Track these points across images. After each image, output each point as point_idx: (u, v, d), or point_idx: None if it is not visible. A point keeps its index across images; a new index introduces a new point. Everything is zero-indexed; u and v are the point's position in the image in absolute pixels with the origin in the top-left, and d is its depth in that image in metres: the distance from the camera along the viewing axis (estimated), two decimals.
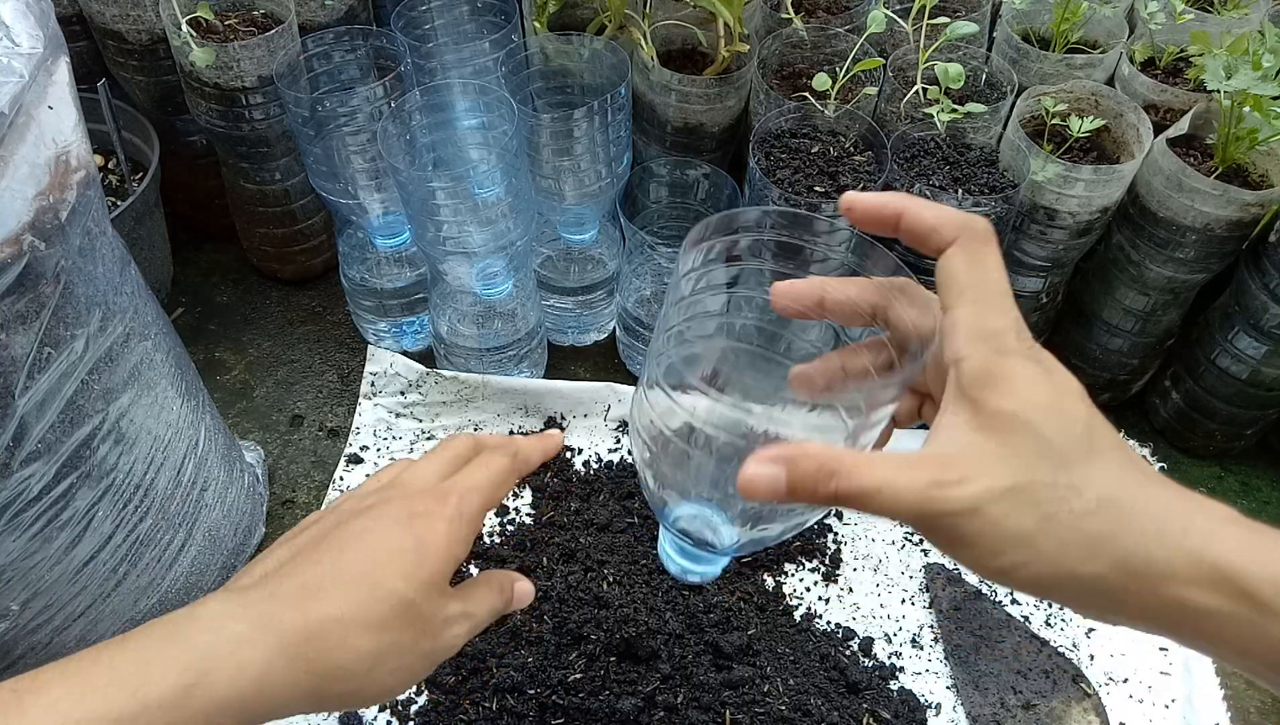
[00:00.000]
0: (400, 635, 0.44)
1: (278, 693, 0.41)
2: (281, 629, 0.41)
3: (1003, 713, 0.72)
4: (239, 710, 0.39)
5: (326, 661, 0.42)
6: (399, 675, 0.44)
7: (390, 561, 0.44)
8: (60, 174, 0.52)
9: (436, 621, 0.46)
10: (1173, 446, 0.94)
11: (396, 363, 0.90)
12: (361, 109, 0.79)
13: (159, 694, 0.37)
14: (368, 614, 0.43)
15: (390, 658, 0.43)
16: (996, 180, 0.78)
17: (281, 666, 0.41)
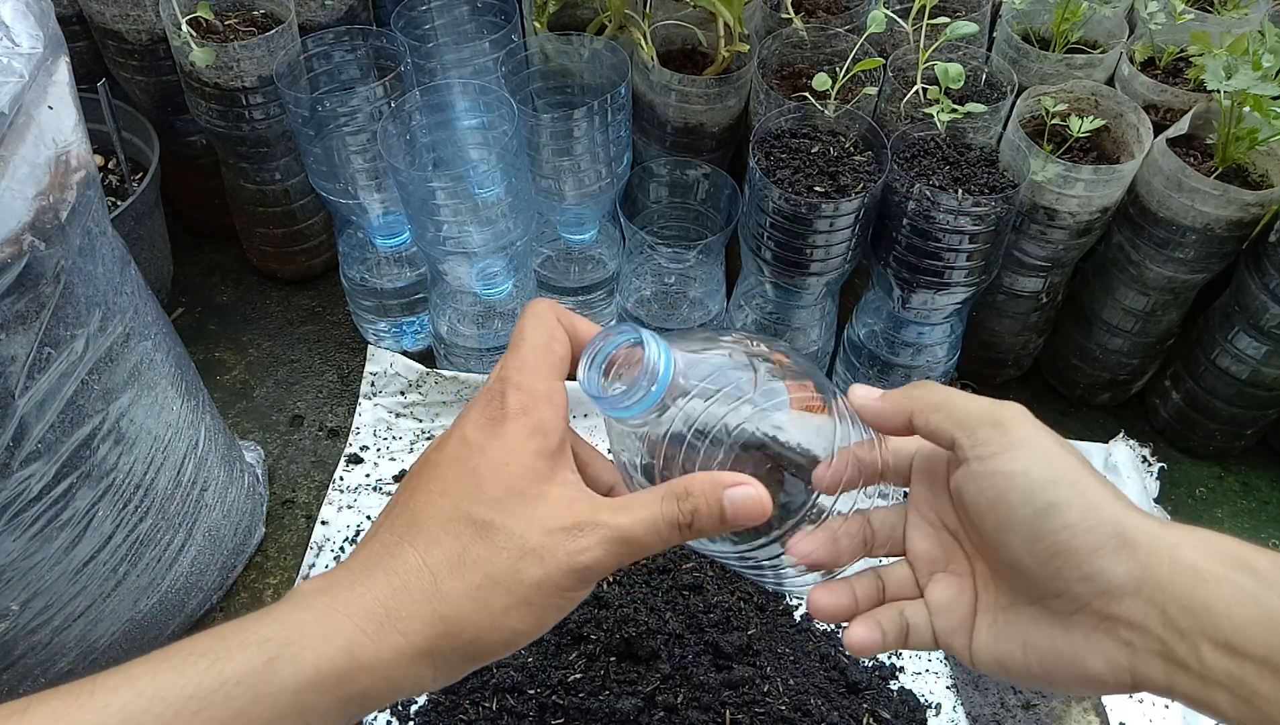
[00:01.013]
0: (494, 563, 0.37)
1: (376, 662, 0.36)
2: (366, 597, 0.37)
3: (1003, 713, 0.72)
4: (335, 685, 0.35)
5: (423, 617, 0.36)
6: (519, 613, 0.37)
7: (458, 488, 0.38)
8: (60, 174, 0.52)
9: (534, 539, 0.37)
10: (1173, 446, 0.94)
11: (396, 363, 0.90)
12: (361, 109, 0.79)
13: (238, 667, 0.34)
14: (445, 552, 0.37)
15: (494, 592, 0.37)
16: (996, 180, 0.78)
17: (371, 631, 0.36)
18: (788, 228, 0.77)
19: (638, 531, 0.38)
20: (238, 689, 0.33)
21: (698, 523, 0.38)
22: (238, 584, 0.81)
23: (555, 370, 0.41)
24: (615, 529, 0.38)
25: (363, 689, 0.36)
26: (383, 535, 0.39)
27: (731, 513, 0.38)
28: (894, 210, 0.78)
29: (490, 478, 0.38)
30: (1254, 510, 0.89)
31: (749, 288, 0.89)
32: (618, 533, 0.38)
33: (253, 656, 0.34)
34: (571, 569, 0.37)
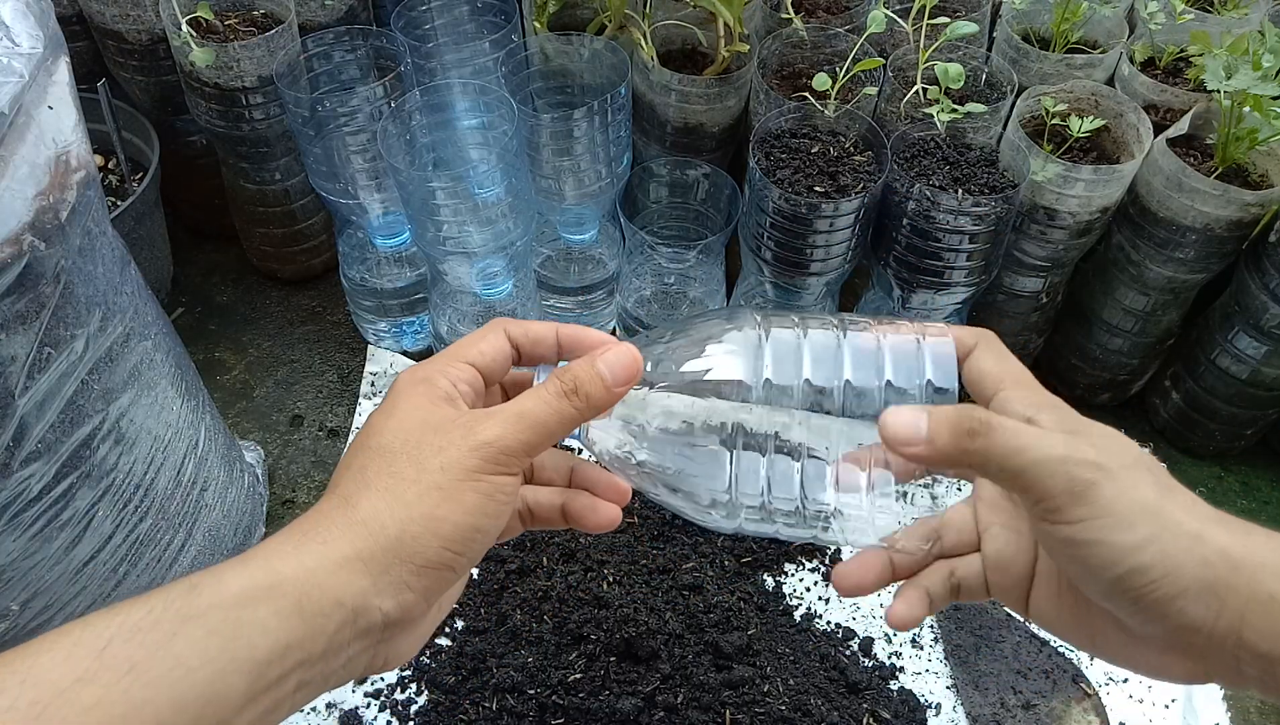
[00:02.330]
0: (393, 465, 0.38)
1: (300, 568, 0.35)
2: (286, 529, 0.38)
3: (1003, 713, 0.72)
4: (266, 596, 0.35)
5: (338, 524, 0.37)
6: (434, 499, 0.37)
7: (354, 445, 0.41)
8: (60, 174, 0.52)
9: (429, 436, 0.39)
10: (1173, 446, 0.94)
11: (396, 363, 0.90)
12: (361, 109, 0.79)
13: (163, 595, 0.34)
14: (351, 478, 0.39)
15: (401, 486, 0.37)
16: (996, 180, 0.78)
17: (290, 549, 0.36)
18: (788, 228, 0.77)
19: (528, 404, 0.40)
20: (164, 613, 0.33)
21: (581, 387, 0.40)
22: None
23: (460, 357, 0.43)
24: (508, 409, 0.40)
25: (295, 600, 0.35)
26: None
27: (610, 374, 0.41)
28: (894, 210, 0.78)
29: (380, 421, 0.40)
30: (1254, 510, 0.90)
31: (749, 288, 0.89)
32: (512, 410, 0.40)
33: (176, 587, 0.35)
34: (473, 447, 0.38)
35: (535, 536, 0.80)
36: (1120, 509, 0.36)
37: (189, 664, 0.33)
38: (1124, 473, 0.36)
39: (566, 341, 0.45)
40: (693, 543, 0.80)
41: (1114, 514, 0.36)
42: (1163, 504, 0.36)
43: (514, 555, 0.79)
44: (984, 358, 0.42)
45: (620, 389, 0.41)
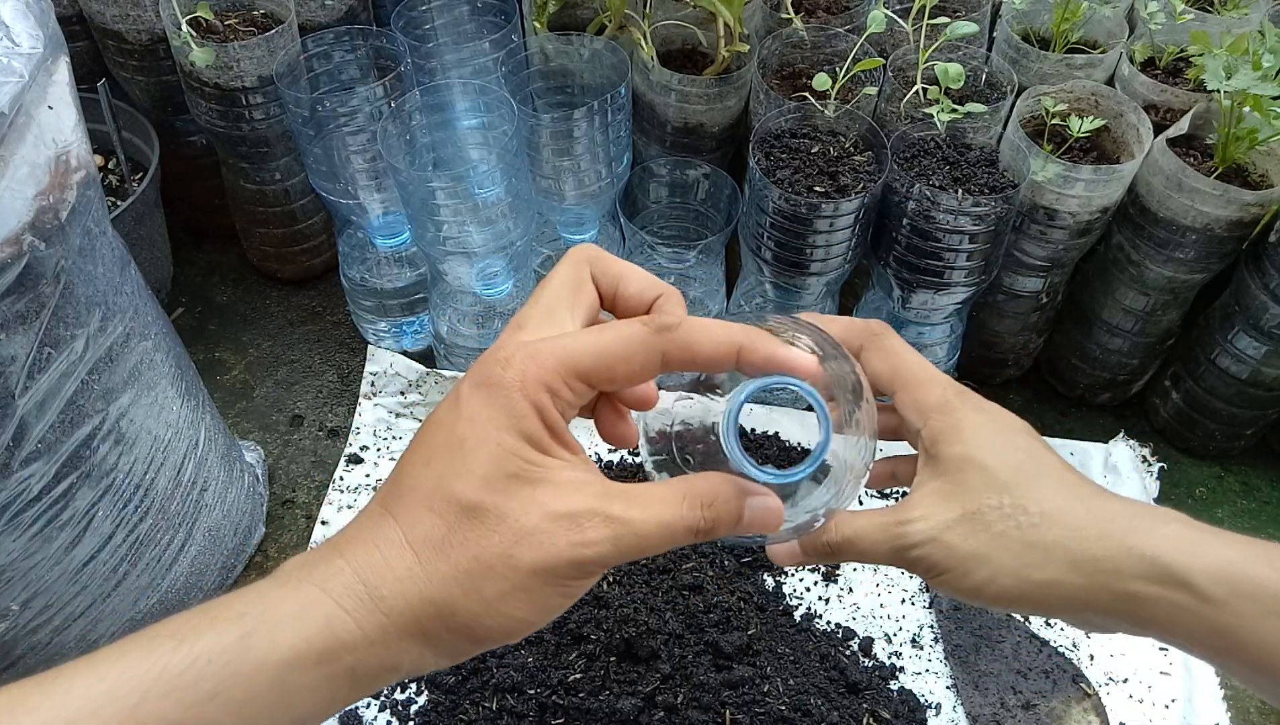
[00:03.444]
0: (482, 546, 0.33)
1: (360, 640, 0.33)
2: (346, 573, 0.34)
3: (1003, 713, 0.72)
4: (318, 663, 0.32)
5: (405, 598, 0.33)
6: (516, 600, 0.34)
7: (441, 459, 0.35)
8: (60, 174, 0.52)
9: (531, 522, 0.33)
10: (1173, 446, 0.94)
11: (396, 363, 0.90)
12: (361, 109, 0.79)
13: (208, 645, 0.31)
14: (427, 531, 0.34)
15: (485, 579, 0.33)
16: (996, 180, 0.78)
17: (351, 608, 0.33)
18: (788, 228, 0.77)
19: (649, 530, 0.34)
20: (209, 668, 0.31)
21: (716, 528, 0.36)
22: (238, 584, 0.81)
23: (580, 372, 0.35)
24: (626, 525, 0.34)
25: (349, 667, 0.33)
26: (372, 506, 0.36)
27: (748, 522, 0.36)
28: (894, 210, 0.78)
29: (479, 453, 0.34)
30: (1254, 510, 0.89)
31: (749, 288, 0.89)
32: (628, 529, 0.34)
33: (224, 633, 0.32)
34: (573, 561, 0.34)
35: None
36: (954, 565, 0.41)
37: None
38: (951, 532, 0.41)
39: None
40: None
41: (950, 570, 0.41)
42: (996, 546, 0.41)
43: None
44: (874, 361, 0.46)
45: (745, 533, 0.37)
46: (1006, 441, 0.43)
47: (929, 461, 0.44)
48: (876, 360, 0.46)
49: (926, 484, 0.43)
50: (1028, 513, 0.41)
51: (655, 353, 0.35)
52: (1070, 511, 0.41)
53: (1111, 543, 0.39)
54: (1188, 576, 0.38)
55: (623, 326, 0.35)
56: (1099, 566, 0.39)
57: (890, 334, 0.47)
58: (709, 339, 0.35)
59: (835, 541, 0.43)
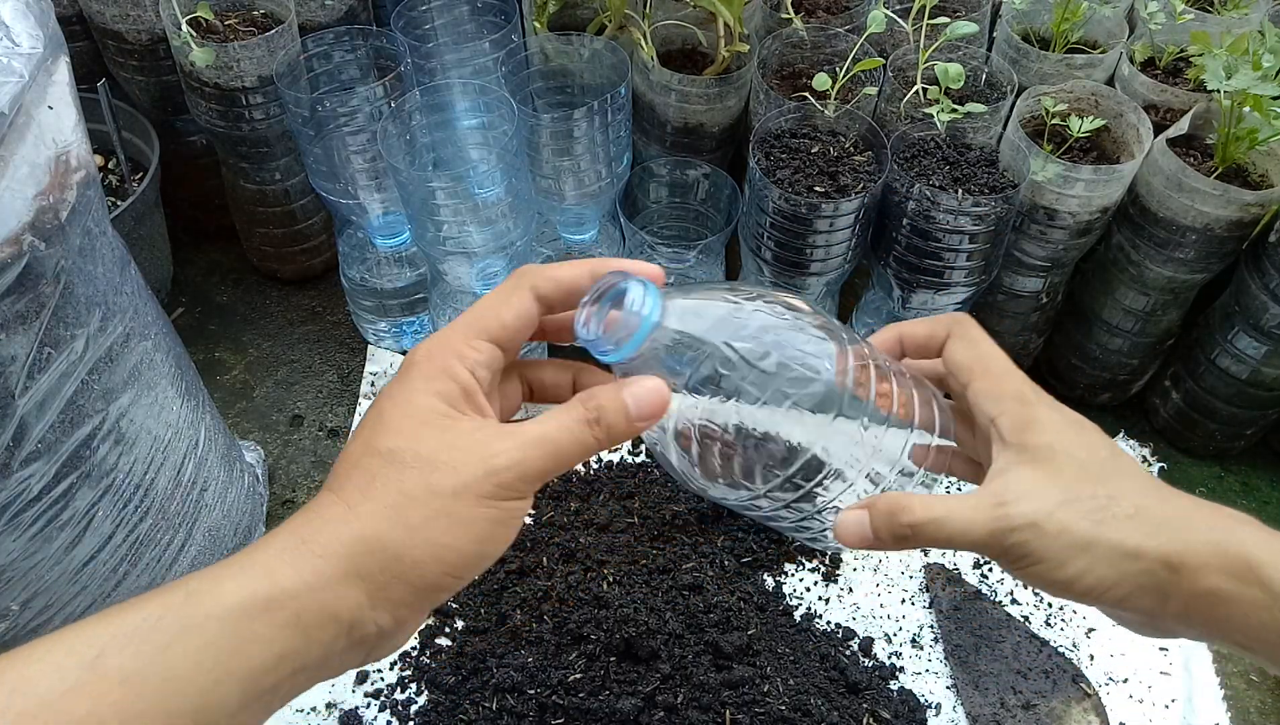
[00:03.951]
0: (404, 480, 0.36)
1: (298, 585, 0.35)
2: (280, 530, 0.37)
3: (1003, 713, 0.72)
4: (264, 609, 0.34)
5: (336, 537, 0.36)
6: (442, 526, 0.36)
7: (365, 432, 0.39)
8: (60, 174, 0.52)
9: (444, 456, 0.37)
10: (1173, 446, 0.94)
11: (396, 363, 0.90)
12: (361, 109, 0.79)
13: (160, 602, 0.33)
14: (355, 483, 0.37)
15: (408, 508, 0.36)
16: (996, 180, 0.78)
17: (288, 559, 0.35)
18: (788, 228, 0.77)
19: (549, 429, 0.38)
20: (161, 622, 0.33)
21: (604, 418, 0.39)
22: None
23: (483, 331, 0.40)
24: (526, 433, 0.38)
25: (294, 613, 0.34)
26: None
27: (635, 408, 0.39)
28: (894, 210, 0.78)
29: (393, 415, 0.38)
30: (1254, 510, 0.89)
31: None
32: (532, 435, 0.38)
33: (173, 594, 0.34)
34: (489, 472, 0.37)
35: (535, 536, 0.80)
36: (1052, 554, 0.40)
37: (184, 675, 0.32)
38: (1054, 518, 0.40)
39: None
40: (693, 543, 0.80)
41: (1046, 560, 0.40)
42: (1097, 535, 0.40)
43: (514, 555, 0.79)
44: (956, 348, 0.46)
45: (643, 424, 0.39)
46: (1087, 438, 0.43)
47: (1009, 448, 0.42)
48: (960, 348, 0.46)
49: (1013, 470, 0.42)
50: (1121, 504, 0.40)
51: (526, 291, 0.41)
52: (1157, 507, 0.41)
53: (1198, 538, 0.40)
54: (1268, 573, 0.38)
55: (501, 286, 0.42)
56: (1188, 561, 0.39)
57: (973, 324, 0.47)
58: (566, 268, 0.42)
59: (919, 522, 0.41)
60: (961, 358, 0.46)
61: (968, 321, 0.47)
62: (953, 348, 0.46)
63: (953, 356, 0.46)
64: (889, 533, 0.42)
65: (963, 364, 0.45)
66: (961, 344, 0.46)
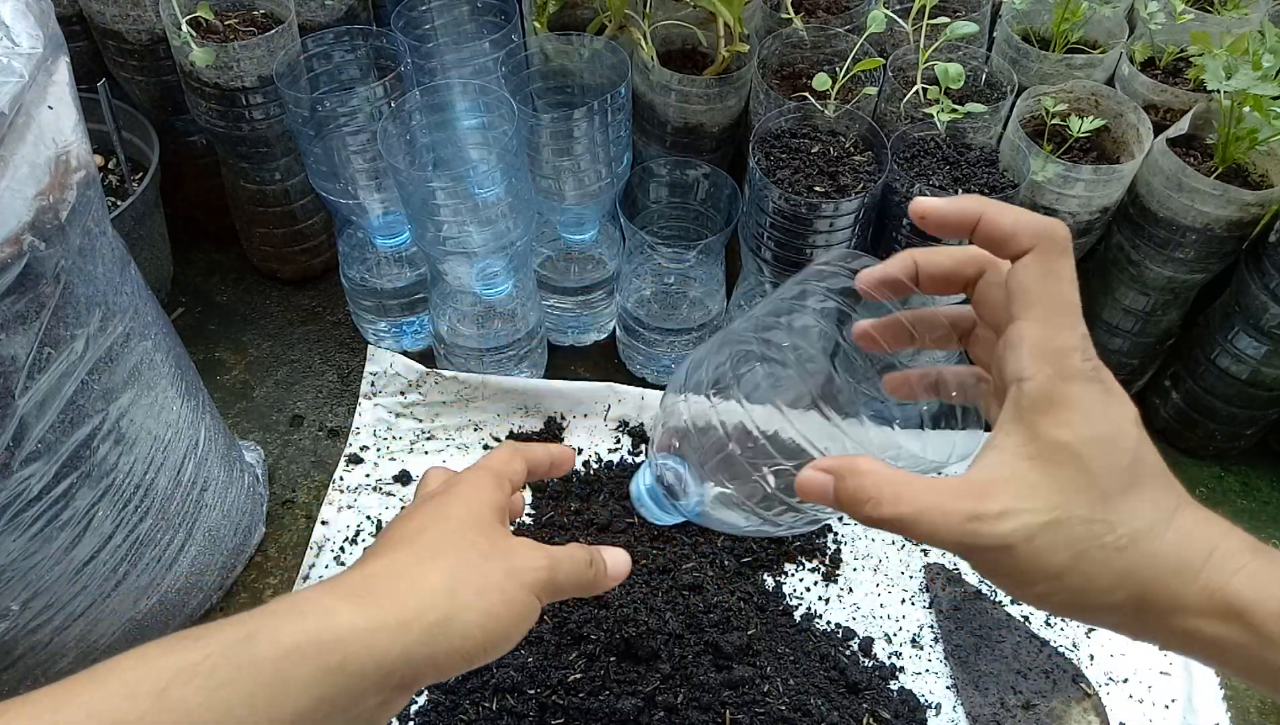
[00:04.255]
0: (465, 553, 0.43)
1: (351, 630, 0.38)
2: (340, 584, 0.41)
3: (1003, 713, 0.72)
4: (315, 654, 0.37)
5: (396, 594, 0.40)
6: (490, 598, 0.42)
7: (431, 523, 0.45)
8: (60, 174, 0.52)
9: (501, 542, 0.45)
10: (1173, 446, 0.94)
11: (396, 363, 0.90)
12: (361, 109, 0.79)
13: (220, 640, 0.36)
14: (421, 551, 0.43)
15: (465, 574, 0.42)
16: (996, 180, 0.78)
17: (346, 607, 0.39)
18: (788, 228, 0.77)
19: (562, 559, 0.47)
20: (221, 660, 0.35)
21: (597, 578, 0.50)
22: (238, 584, 0.81)
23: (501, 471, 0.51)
24: (553, 558, 0.46)
25: (341, 658, 0.37)
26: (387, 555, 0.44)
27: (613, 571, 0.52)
28: (894, 210, 0.78)
29: (471, 516, 0.46)
30: (1254, 510, 0.89)
31: (749, 288, 0.89)
32: (553, 560, 0.46)
33: (232, 632, 0.36)
34: (531, 570, 0.45)
35: (535, 536, 0.80)
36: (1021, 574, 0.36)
37: (238, 714, 0.35)
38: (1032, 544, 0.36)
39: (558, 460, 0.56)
40: (692, 543, 0.80)
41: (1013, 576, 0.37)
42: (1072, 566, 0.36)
43: None
44: (1029, 270, 0.38)
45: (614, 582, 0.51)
46: (1117, 436, 0.37)
47: (1020, 426, 0.37)
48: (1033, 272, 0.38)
49: (1012, 464, 0.37)
50: (1115, 532, 0.36)
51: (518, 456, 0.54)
52: (1155, 536, 0.36)
53: (1186, 578, 0.36)
54: (1256, 619, 0.35)
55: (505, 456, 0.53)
56: (1166, 603, 0.36)
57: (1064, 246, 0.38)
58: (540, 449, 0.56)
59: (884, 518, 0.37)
60: (1029, 284, 0.38)
61: (1063, 244, 0.38)
62: (1027, 268, 0.38)
63: (1021, 277, 0.38)
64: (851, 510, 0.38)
65: (1026, 293, 0.38)
66: (1037, 268, 0.38)
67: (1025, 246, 0.38)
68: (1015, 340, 0.38)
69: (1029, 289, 0.38)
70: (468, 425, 0.90)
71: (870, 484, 0.37)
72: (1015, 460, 0.37)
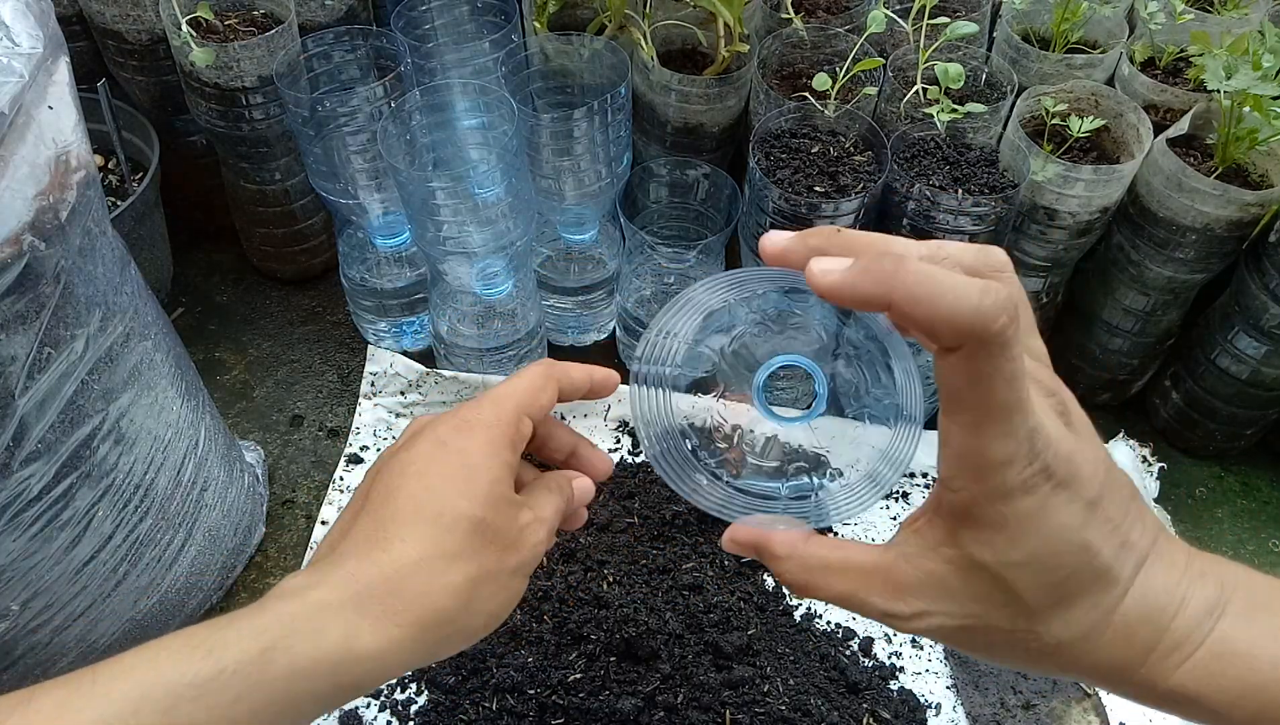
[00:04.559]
0: (484, 557, 0.41)
1: (372, 652, 0.38)
2: (358, 586, 0.39)
3: (1003, 713, 0.72)
4: (329, 675, 0.37)
5: (419, 609, 0.39)
6: (499, 598, 0.42)
7: (445, 486, 0.41)
8: (60, 174, 0.52)
9: (513, 531, 0.43)
10: (1173, 446, 0.94)
11: (396, 363, 0.90)
12: (361, 109, 0.79)
13: (235, 656, 0.35)
14: (443, 546, 0.40)
15: (484, 584, 0.41)
16: (996, 180, 0.78)
17: (367, 627, 0.38)
18: (788, 228, 0.77)
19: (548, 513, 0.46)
20: (234, 678, 0.35)
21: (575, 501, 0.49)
22: (238, 584, 0.81)
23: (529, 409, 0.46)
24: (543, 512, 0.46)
25: (356, 677, 0.38)
26: (365, 527, 0.41)
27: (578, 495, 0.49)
28: (894, 210, 0.78)
29: (480, 479, 0.42)
30: (1254, 510, 0.89)
31: None
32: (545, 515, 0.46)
33: (249, 648, 0.36)
34: (535, 556, 0.44)
35: None
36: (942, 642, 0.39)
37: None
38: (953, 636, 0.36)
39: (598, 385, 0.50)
40: (693, 543, 0.80)
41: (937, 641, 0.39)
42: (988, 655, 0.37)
43: None
44: (955, 374, 0.31)
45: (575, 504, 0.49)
46: (1052, 552, 0.33)
47: (944, 529, 0.34)
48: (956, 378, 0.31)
49: (930, 562, 0.35)
50: (1041, 641, 0.34)
51: (555, 384, 0.48)
52: (1089, 644, 0.34)
53: (1124, 677, 0.35)
54: (1207, 703, 0.34)
55: (534, 374, 0.47)
56: (1120, 688, 0.36)
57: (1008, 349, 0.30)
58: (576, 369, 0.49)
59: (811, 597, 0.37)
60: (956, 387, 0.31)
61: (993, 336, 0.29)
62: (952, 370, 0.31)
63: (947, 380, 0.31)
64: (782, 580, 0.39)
65: (953, 394, 0.31)
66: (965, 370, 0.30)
67: (949, 347, 0.30)
68: (944, 438, 0.33)
69: (955, 392, 0.31)
70: None
71: (787, 572, 0.38)
72: (934, 559, 0.35)
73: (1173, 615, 0.34)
